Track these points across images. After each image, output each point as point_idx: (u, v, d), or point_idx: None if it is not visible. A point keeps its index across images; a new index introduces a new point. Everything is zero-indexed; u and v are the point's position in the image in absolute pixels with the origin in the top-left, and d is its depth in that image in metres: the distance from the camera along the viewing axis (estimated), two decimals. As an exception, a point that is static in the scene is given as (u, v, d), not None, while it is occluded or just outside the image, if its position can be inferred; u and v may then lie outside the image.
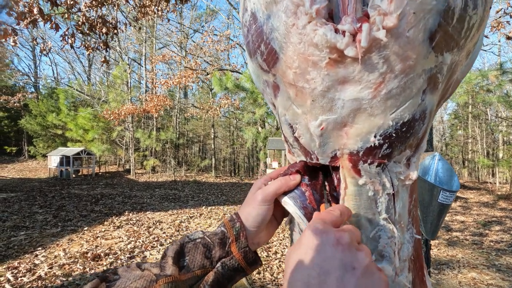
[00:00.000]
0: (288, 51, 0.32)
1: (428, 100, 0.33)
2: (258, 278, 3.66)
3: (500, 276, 3.96)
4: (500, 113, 16.05)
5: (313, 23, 0.29)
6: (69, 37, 3.48)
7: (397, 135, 0.33)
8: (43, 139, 20.39)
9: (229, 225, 0.44)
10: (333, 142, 0.35)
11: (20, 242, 4.61)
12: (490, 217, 8.01)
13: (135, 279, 0.39)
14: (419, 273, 0.40)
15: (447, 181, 1.32)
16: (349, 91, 0.31)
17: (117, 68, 18.17)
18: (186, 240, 0.44)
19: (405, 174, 0.36)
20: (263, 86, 0.40)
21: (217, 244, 0.43)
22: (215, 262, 0.42)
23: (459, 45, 0.31)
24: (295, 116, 0.36)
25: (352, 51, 0.28)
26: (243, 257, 0.43)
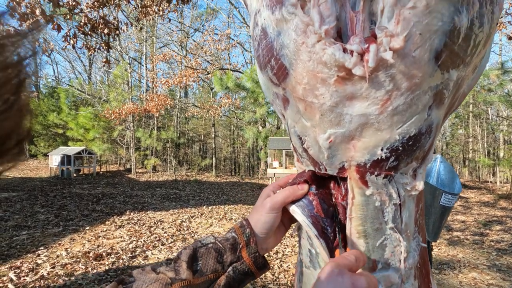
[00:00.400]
0: (298, 68, 0.33)
1: (434, 115, 0.34)
2: (259, 278, 3.68)
3: (501, 276, 3.97)
4: (501, 112, 16.03)
5: (322, 42, 0.30)
6: (71, 38, 3.49)
7: (404, 149, 0.34)
8: (44, 139, 20.44)
9: (239, 231, 0.46)
10: (341, 155, 0.36)
11: (22, 241, 4.63)
12: (491, 216, 8.01)
13: (151, 282, 0.41)
14: (425, 280, 0.42)
15: (449, 183, 1.33)
16: (356, 106, 0.32)
17: (117, 67, 18.18)
18: (198, 245, 0.45)
19: (412, 185, 0.37)
20: (273, 97, 0.42)
21: (229, 249, 0.44)
22: (226, 267, 0.44)
23: (465, 62, 0.33)
24: (304, 128, 0.37)
25: (360, 70, 0.29)
26: (253, 262, 0.45)
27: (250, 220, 0.47)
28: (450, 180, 1.33)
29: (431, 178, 1.42)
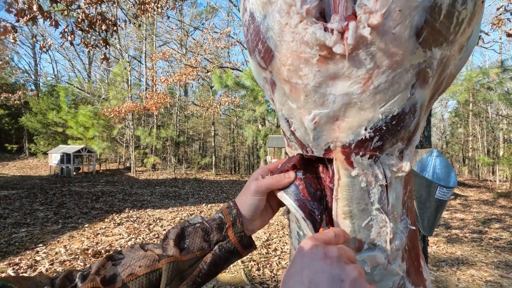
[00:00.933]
0: (282, 49, 0.33)
1: (418, 94, 0.34)
2: (257, 274, 3.69)
3: (499, 273, 3.99)
4: (500, 111, 16.02)
5: (304, 22, 0.31)
6: (69, 34, 3.48)
7: (388, 128, 0.34)
8: (43, 137, 20.43)
9: (226, 212, 0.47)
10: (326, 136, 0.36)
11: (21, 238, 4.64)
12: (490, 214, 8.03)
13: (139, 258, 0.42)
14: (414, 263, 0.42)
15: (444, 177, 1.33)
16: (339, 86, 0.33)
17: (117, 65, 18.15)
18: (186, 225, 0.47)
19: (398, 166, 0.37)
20: (263, 82, 0.42)
21: (215, 228, 0.46)
22: (213, 245, 0.46)
23: (448, 40, 0.32)
24: (291, 111, 0.38)
25: (340, 48, 0.30)
26: (239, 241, 0.46)
27: (238, 201, 0.48)
28: (445, 174, 1.33)
29: (427, 172, 1.42)
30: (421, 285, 0.43)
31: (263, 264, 3.99)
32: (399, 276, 0.39)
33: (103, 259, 0.42)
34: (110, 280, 0.40)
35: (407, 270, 0.40)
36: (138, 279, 0.41)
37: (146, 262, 0.42)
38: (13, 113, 22.61)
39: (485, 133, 17.68)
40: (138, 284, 0.40)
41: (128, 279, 0.40)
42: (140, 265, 0.42)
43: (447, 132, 23.63)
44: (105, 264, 0.42)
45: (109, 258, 0.43)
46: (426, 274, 0.45)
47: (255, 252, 4.43)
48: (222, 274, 3.67)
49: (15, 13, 2.94)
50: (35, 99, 20.64)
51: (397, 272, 0.39)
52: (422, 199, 1.35)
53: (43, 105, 19.76)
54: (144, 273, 0.41)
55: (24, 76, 24.12)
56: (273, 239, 5.09)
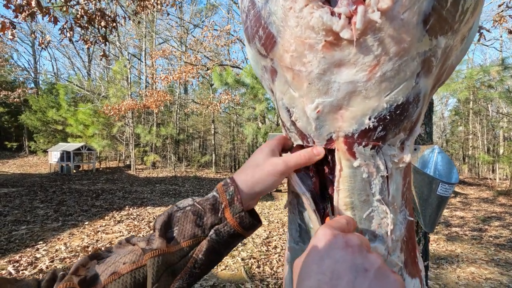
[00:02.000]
0: (285, 35, 0.32)
1: (422, 83, 0.33)
2: (257, 272, 3.70)
3: (499, 270, 3.99)
4: (501, 109, 16.01)
5: (309, 6, 0.30)
6: (68, 31, 3.47)
7: (391, 118, 0.33)
8: (43, 135, 20.42)
9: (221, 190, 0.41)
10: (329, 125, 0.35)
11: (21, 236, 4.64)
12: (490, 212, 8.04)
13: (125, 254, 0.38)
14: (411, 254, 0.41)
15: (446, 173, 1.33)
16: (344, 73, 0.32)
17: (117, 63, 18.11)
18: (174, 209, 0.41)
19: (399, 157, 0.37)
20: (262, 72, 0.41)
21: (208, 210, 0.40)
22: (207, 230, 0.40)
23: (453, 29, 0.32)
24: (292, 99, 0.37)
25: (348, 33, 0.29)
26: (239, 223, 0.40)
27: (238, 177, 0.42)
28: (447, 170, 1.33)
29: (428, 169, 1.41)
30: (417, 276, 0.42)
31: (263, 262, 4.00)
32: (398, 267, 0.39)
33: (85, 258, 0.38)
34: (91, 281, 0.36)
35: (405, 261, 0.40)
36: (121, 278, 0.36)
37: (131, 257, 0.37)
38: (13, 111, 22.59)
39: (485, 131, 17.67)
40: (121, 284, 0.36)
41: (110, 279, 0.36)
42: (125, 261, 0.37)
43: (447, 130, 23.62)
44: (87, 263, 0.37)
45: (94, 256, 0.38)
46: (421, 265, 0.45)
47: (255, 249, 4.44)
48: (222, 271, 3.68)
49: (14, 8, 2.92)
50: (35, 97, 20.62)
51: (396, 263, 0.38)
52: (424, 196, 1.35)
53: (42, 103, 19.74)
54: (129, 270, 0.36)
55: (23, 74, 24.08)
56: (273, 237, 5.10)
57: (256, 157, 0.42)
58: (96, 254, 0.39)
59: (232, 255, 4.19)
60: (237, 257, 4.11)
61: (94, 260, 0.38)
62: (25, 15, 3.00)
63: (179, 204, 0.42)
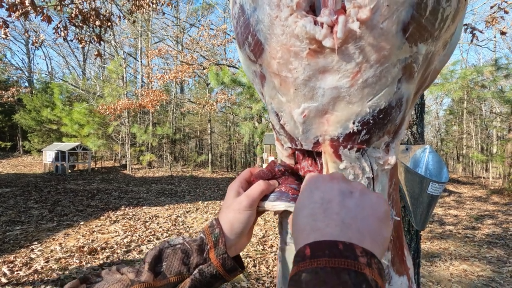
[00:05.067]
0: (272, 42, 0.34)
1: (404, 88, 0.35)
2: (253, 271, 3.71)
3: (491, 267, 4.06)
4: (494, 108, 16.21)
5: (294, 15, 0.31)
6: (62, 30, 3.44)
7: (375, 122, 0.35)
8: (38, 134, 20.21)
9: (208, 231, 0.44)
10: (315, 129, 0.37)
11: (15, 236, 4.61)
12: (483, 211, 8.15)
13: (113, 282, 0.39)
14: (399, 253, 0.43)
15: (436, 173, 1.35)
16: (328, 80, 0.33)
17: (112, 62, 17.97)
18: (165, 246, 0.44)
19: (384, 159, 0.38)
20: (253, 76, 0.42)
21: (195, 250, 0.42)
22: (192, 269, 0.42)
23: (433, 36, 0.33)
24: (280, 104, 0.38)
25: (330, 42, 0.30)
26: (221, 264, 0.42)
27: (221, 219, 0.44)
28: (438, 169, 1.35)
29: (420, 168, 1.44)
30: (405, 273, 0.44)
31: (259, 261, 4.01)
32: (385, 265, 0.40)
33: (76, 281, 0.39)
34: None
35: (392, 260, 0.41)
36: None
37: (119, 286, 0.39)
38: (7, 111, 22.32)
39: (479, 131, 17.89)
40: None
41: None
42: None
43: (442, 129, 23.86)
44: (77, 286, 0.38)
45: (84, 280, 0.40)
46: (410, 263, 0.46)
47: (251, 248, 4.45)
48: (218, 270, 3.69)
49: (7, 7, 2.89)
50: (29, 96, 20.38)
51: (383, 262, 0.40)
52: (415, 195, 1.37)
53: (37, 102, 19.52)
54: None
55: (17, 73, 23.78)
56: (269, 236, 5.12)
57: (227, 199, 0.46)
58: (86, 278, 0.41)
59: (228, 255, 4.20)
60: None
61: (83, 284, 0.39)
62: (18, 14, 2.97)
63: (170, 241, 0.45)
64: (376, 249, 0.27)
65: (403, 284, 0.43)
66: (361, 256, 0.25)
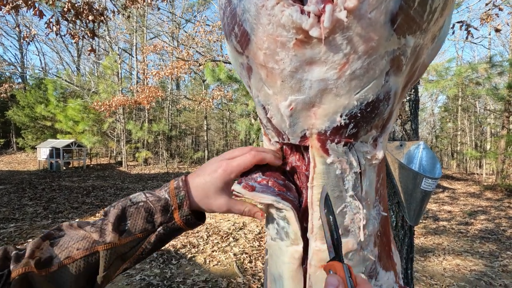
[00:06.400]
0: (258, 32, 0.33)
1: (392, 81, 0.34)
2: (250, 266, 3.73)
3: (483, 262, 4.12)
4: (488, 105, 16.37)
5: (280, 4, 0.30)
6: (54, 25, 3.38)
7: (362, 115, 0.34)
8: (31, 131, 19.96)
9: (173, 193, 0.45)
10: (302, 122, 0.36)
11: (9, 234, 4.56)
12: (476, 207, 8.26)
13: (78, 240, 0.40)
14: (385, 248, 0.43)
15: (430, 169, 1.36)
16: (316, 71, 0.32)
17: (107, 58, 17.75)
18: (128, 204, 0.44)
19: (372, 153, 0.38)
20: (240, 69, 0.41)
21: (159, 210, 0.44)
22: (156, 226, 0.44)
23: (421, 28, 0.33)
24: (267, 97, 0.37)
25: (317, 32, 0.29)
26: (185, 223, 0.45)
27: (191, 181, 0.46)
28: (431, 165, 1.36)
29: (413, 164, 1.45)
30: (392, 269, 0.44)
31: (255, 257, 4.03)
32: (371, 261, 0.40)
33: (39, 239, 0.40)
34: (46, 262, 0.38)
35: (379, 255, 0.41)
36: (75, 263, 0.39)
37: (84, 244, 0.40)
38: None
39: (473, 128, 18.08)
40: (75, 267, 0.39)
41: (65, 262, 0.39)
42: (78, 247, 0.40)
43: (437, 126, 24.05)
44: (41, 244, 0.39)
45: (47, 236, 0.41)
46: (397, 258, 0.46)
47: (248, 245, 4.47)
48: (214, 266, 3.70)
49: (-3, 1, 2.83)
50: (22, 92, 20.09)
51: (369, 258, 0.39)
52: (409, 191, 1.38)
53: (30, 99, 19.25)
54: (82, 256, 0.39)
55: (10, 69, 23.41)
56: (266, 232, 5.14)
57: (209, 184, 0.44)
58: (49, 234, 0.41)
59: (224, 251, 4.21)
60: (229, 253, 4.13)
61: (47, 240, 0.40)
62: (9, 7, 2.90)
63: (132, 199, 0.45)
64: None
65: (390, 279, 0.43)
66: None
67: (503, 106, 11.09)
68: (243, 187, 0.41)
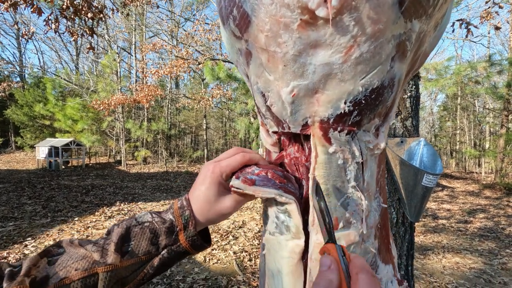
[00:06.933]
0: (260, 13, 0.31)
1: (397, 67, 0.33)
2: (249, 265, 3.72)
3: (482, 260, 4.13)
4: (487, 104, 16.38)
5: None
6: (53, 22, 3.36)
7: (367, 102, 0.33)
8: (30, 130, 19.91)
9: (178, 213, 0.43)
10: (304, 110, 0.35)
11: (8, 232, 4.55)
12: (475, 205, 8.27)
13: (77, 259, 0.38)
14: (384, 241, 0.42)
15: (431, 165, 1.35)
16: (320, 55, 0.31)
17: (106, 57, 17.70)
18: (133, 223, 0.43)
19: (374, 143, 0.37)
20: (237, 56, 0.40)
21: (164, 232, 0.42)
22: (161, 249, 0.42)
23: (427, 13, 0.32)
24: (267, 83, 0.36)
25: (324, 12, 0.28)
26: (191, 244, 0.43)
27: (191, 198, 0.44)
28: (432, 161, 1.35)
29: (414, 161, 1.44)
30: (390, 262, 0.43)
31: (255, 255, 4.02)
32: (372, 253, 0.39)
33: (37, 256, 0.38)
34: (41, 282, 0.36)
35: (379, 248, 0.40)
36: (72, 284, 0.37)
37: (84, 264, 0.38)
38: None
39: (472, 127, 18.11)
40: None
41: (61, 283, 0.36)
42: (77, 267, 0.37)
43: (436, 125, 24.08)
44: (38, 262, 0.37)
45: (45, 253, 0.39)
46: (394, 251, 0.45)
47: (247, 243, 4.46)
48: (214, 265, 3.69)
49: (-6, -2, 2.80)
50: (21, 91, 20.01)
51: (371, 250, 0.38)
52: (410, 187, 1.37)
53: (29, 97, 19.19)
54: (80, 277, 0.37)
55: (8, 67, 23.30)
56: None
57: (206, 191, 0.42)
58: (47, 251, 0.39)
59: (224, 249, 4.20)
60: (229, 251, 4.13)
61: (44, 258, 0.38)
62: (7, 5, 2.88)
63: (138, 218, 0.43)
64: None
65: (389, 272, 0.42)
66: None
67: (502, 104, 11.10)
68: (242, 182, 0.39)
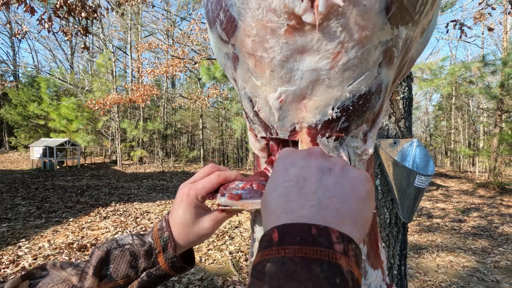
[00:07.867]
0: (246, 18, 0.31)
1: (384, 74, 0.33)
2: (245, 265, 3.72)
3: (475, 258, 4.18)
4: (481, 104, 16.57)
5: None
6: (46, 21, 3.32)
7: (354, 108, 0.33)
8: (24, 130, 19.69)
9: (156, 235, 0.42)
10: (292, 115, 0.35)
11: (2, 234, 4.49)
12: (469, 204, 8.37)
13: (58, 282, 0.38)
14: (373, 246, 0.42)
15: (423, 166, 1.37)
16: (307, 61, 0.31)
17: (101, 56, 17.56)
18: (113, 246, 0.42)
19: (362, 149, 0.37)
20: (224, 60, 0.39)
21: (143, 255, 0.42)
22: (140, 272, 0.42)
23: (413, 20, 0.32)
24: (255, 88, 0.36)
25: (310, 17, 0.28)
26: (170, 267, 0.42)
27: (170, 219, 0.43)
28: (424, 163, 1.37)
29: (407, 162, 1.45)
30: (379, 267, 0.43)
31: (251, 255, 4.03)
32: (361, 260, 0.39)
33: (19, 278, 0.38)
34: None
35: (368, 253, 0.40)
36: None
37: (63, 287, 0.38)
38: (-9, 105, 21.61)
39: (467, 126, 18.31)
40: None
41: None
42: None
43: (431, 125, 24.30)
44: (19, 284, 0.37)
45: (27, 276, 0.39)
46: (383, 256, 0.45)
47: (243, 243, 4.46)
48: (210, 265, 3.68)
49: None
50: (15, 90, 19.78)
51: None
52: (402, 188, 1.38)
53: (23, 97, 18.98)
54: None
55: (2, 67, 23.00)
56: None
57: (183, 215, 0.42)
58: (30, 273, 0.39)
59: (220, 249, 4.20)
60: (225, 251, 4.13)
61: (26, 280, 0.38)
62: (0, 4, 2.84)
63: (119, 241, 0.43)
64: (355, 233, 0.24)
65: (378, 277, 0.42)
66: (337, 243, 0.22)
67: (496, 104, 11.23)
68: (229, 198, 0.38)
